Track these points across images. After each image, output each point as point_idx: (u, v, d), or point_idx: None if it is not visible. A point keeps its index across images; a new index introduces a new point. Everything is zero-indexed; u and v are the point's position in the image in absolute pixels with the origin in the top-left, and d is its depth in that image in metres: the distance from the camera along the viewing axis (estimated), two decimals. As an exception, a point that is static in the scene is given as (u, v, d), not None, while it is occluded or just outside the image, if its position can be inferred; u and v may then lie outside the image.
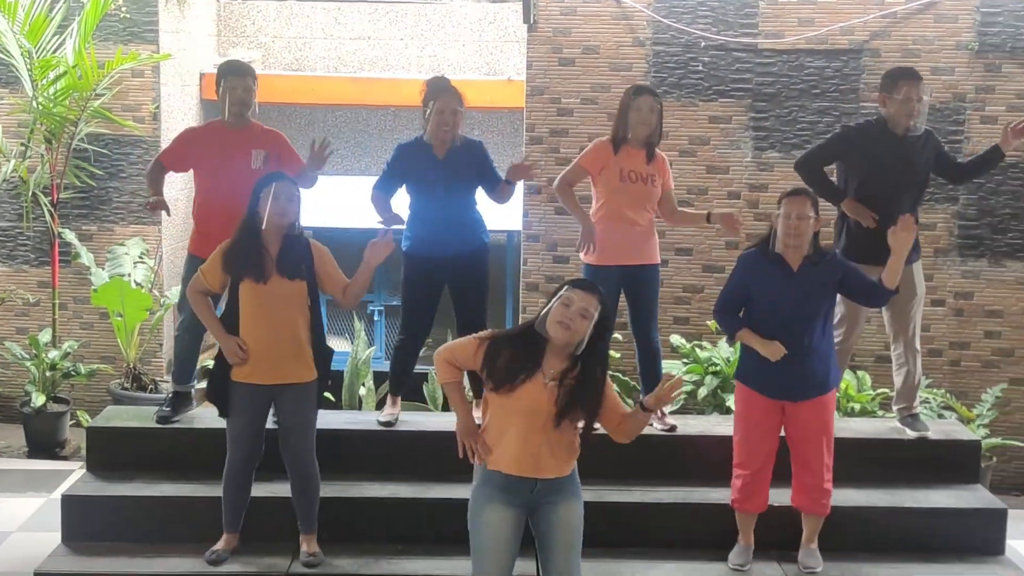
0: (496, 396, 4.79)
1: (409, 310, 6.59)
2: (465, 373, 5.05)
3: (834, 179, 6.67)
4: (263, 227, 5.57)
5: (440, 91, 6.34)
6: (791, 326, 5.65)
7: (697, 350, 8.29)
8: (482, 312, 6.57)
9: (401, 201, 6.54)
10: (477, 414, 5.06)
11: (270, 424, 5.81)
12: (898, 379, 6.74)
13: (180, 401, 6.64)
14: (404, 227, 6.44)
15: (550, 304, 4.76)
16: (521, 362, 4.74)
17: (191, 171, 6.70)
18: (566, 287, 4.78)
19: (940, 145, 6.66)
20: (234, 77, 6.48)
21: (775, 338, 5.65)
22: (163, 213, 6.57)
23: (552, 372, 4.76)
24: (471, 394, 6.50)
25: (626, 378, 8.42)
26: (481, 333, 4.98)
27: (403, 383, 6.73)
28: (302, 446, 5.73)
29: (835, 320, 6.41)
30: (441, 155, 6.37)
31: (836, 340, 6.57)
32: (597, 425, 4.90)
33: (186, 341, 6.64)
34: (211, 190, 6.50)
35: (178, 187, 9.38)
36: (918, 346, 6.68)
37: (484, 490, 4.85)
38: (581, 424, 4.83)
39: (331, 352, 5.89)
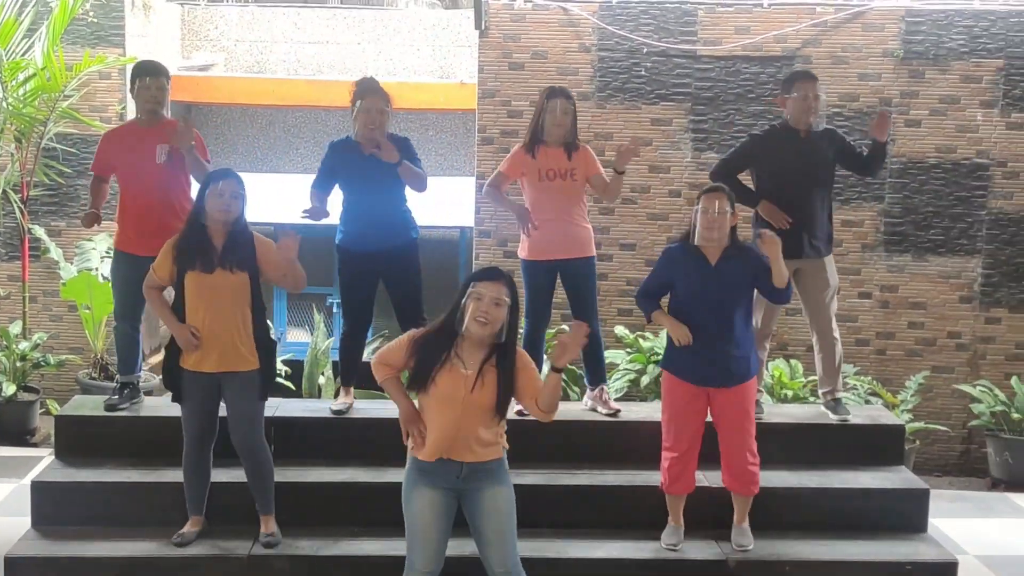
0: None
1: (346, 302, 6.56)
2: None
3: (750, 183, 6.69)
4: (206, 222, 5.52)
5: (367, 91, 6.27)
6: (712, 316, 5.66)
7: (640, 340, 8.31)
8: (418, 304, 6.51)
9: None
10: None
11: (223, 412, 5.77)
12: (819, 366, 6.79)
13: (127, 390, 6.58)
14: (333, 222, 6.40)
15: (463, 302, 4.72)
16: (435, 355, 4.73)
17: None
18: (472, 282, 4.74)
19: (842, 140, 6.61)
20: (148, 77, 6.38)
21: (697, 327, 5.68)
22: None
23: (472, 362, 4.74)
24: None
25: (572, 366, 8.42)
26: (409, 333, 4.93)
27: (352, 373, 6.69)
28: (248, 431, 5.68)
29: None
30: (367, 151, 6.30)
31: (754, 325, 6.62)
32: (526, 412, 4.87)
33: (123, 330, 6.57)
34: (124, 187, 6.45)
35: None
36: (836, 334, 6.71)
37: (412, 475, 4.88)
38: (500, 415, 4.79)
39: (273, 343, 5.79)
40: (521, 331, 5.73)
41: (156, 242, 5.83)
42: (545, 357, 6.25)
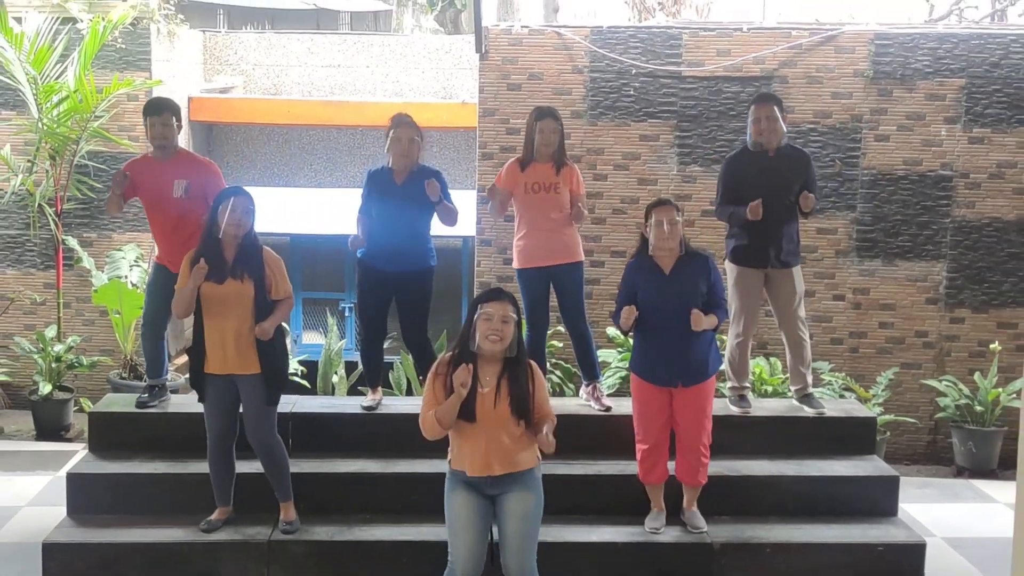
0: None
1: (363, 313, 6.62)
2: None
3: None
4: (220, 235, 5.53)
5: (399, 124, 6.35)
6: (669, 321, 5.64)
7: (630, 340, 8.31)
8: (423, 326, 6.58)
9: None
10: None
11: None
12: (789, 365, 6.78)
13: (155, 390, 6.61)
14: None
15: (473, 324, 4.76)
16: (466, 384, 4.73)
17: None
18: (479, 304, 4.79)
19: (811, 171, 6.55)
20: (153, 115, 6.34)
21: (657, 332, 5.68)
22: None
23: (489, 380, 4.77)
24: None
25: (568, 365, 8.45)
26: (430, 375, 4.94)
27: (376, 375, 6.73)
28: (260, 427, 5.69)
29: (731, 315, 6.47)
30: (400, 181, 6.35)
31: (736, 335, 6.60)
32: None
33: (148, 336, 6.58)
34: (148, 214, 6.51)
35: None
36: (804, 337, 6.67)
37: (451, 480, 4.95)
38: (523, 420, 4.83)
39: (273, 348, 5.68)
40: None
41: (175, 258, 5.87)
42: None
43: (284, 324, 5.94)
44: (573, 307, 6.60)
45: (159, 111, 6.37)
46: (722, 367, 6.44)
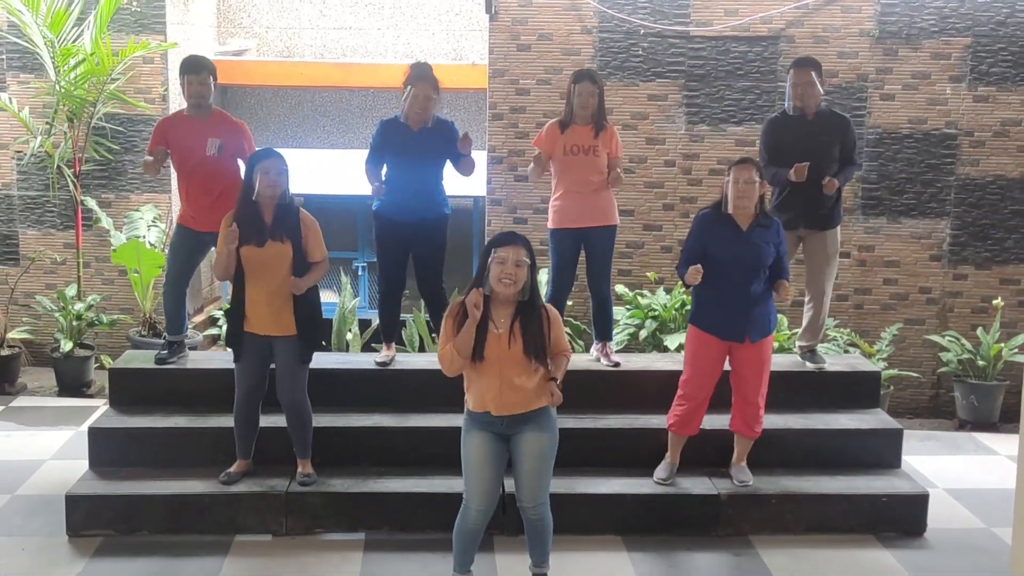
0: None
1: (381, 265, 6.58)
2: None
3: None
4: (254, 198, 5.51)
5: (419, 78, 6.26)
6: (740, 278, 5.64)
7: (639, 298, 8.31)
8: (438, 275, 6.54)
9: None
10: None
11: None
12: (806, 320, 6.79)
13: (174, 347, 6.64)
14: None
15: (487, 267, 4.73)
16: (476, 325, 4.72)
17: None
18: (493, 248, 4.74)
19: (848, 138, 6.54)
20: (191, 74, 6.35)
21: (726, 288, 5.66)
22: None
23: (503, 322, 4.75)
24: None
25: (577, 322, 8.44)
26: (447, 315, 4.90)
27: (392, 330, 6.71)
28: (292, 387, 5.72)
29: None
30: (416, 129, 6.31)
31: (807, 298, 6.68)
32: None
33: (171, 295, 6.61)
34: (178, 170, 6.50)
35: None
36: (827, 297, 6.72)
37: (467, 422, 4.94)
38: (537, 362, 4.79)
39: (312, 311, 5.73)
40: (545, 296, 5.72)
41: (210, 219, 5.85)
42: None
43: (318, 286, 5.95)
44: (600, 270, 6.59)
45: (197, 70, 6.37)
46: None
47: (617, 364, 6.63)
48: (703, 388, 5.82)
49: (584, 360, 6.78)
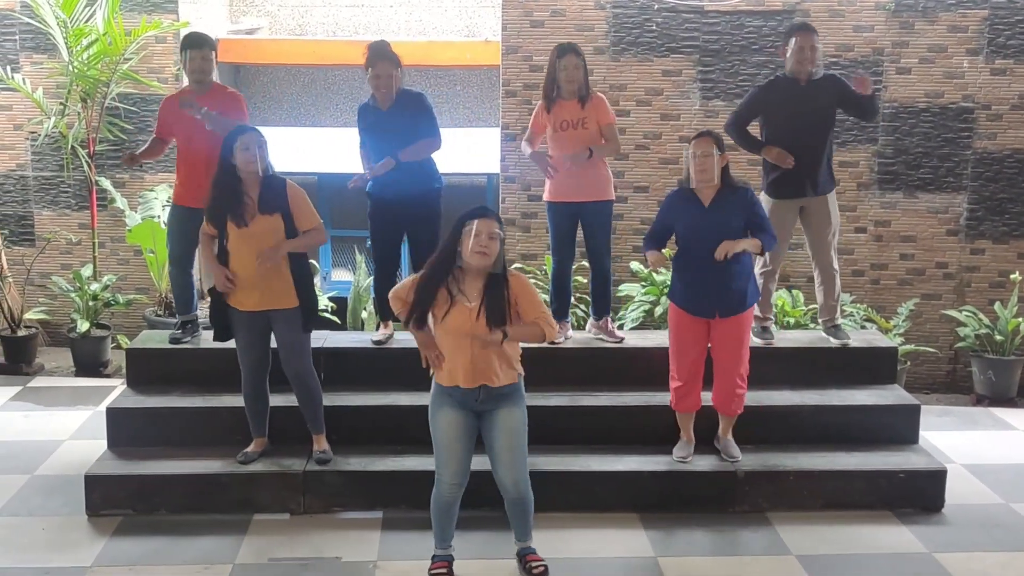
0: (435, 324, 4.82)
1: (376, 245, 6.58)
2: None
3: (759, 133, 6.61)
4: (239, 175, 5.49)
5: (377, 57, 6.22)
6: (708, 253, 5.57)
7: (654, 274, 8.27)
8: (433, 250, 6.50)
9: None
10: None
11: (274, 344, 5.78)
12: (819, 296, 6.76)
13: (188, 325, 6.66)
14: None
15: (460, 239, 4.72)
16: (433, 291, 4.75)
17: None
18: (466, 221, 4.72)
19: (844, 86, 6.46)
20: (193, 49, 6.36)
21: (696, 263, 5.63)
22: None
23: (473, 294, 4.74)
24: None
25: (588, 297, 8.40)
26: (416, 275, 4.91)
27: (389, 309, 6.69)
28: (296, 361, 5.71)
29: None
30: (385, 108, 6.30)
31: (763, 266, 6.57)
32: None
33: (175, 274, 6.64)
34: (179, 147, 6.52)
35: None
36: (836, 268, 6.68)
37: (436, 398, 4.94)
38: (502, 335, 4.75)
39: (310, 277, 5.73)
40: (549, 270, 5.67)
41: (204, 195, 5.82)
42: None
43: (313, 261, 5.91)
44: (599, 245, 6.55)
45: (199, 45, 6.38)
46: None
47: (621, 340, 6.61)
48: (688, 363, 5.80)
49: (587, 338, 6.74)
